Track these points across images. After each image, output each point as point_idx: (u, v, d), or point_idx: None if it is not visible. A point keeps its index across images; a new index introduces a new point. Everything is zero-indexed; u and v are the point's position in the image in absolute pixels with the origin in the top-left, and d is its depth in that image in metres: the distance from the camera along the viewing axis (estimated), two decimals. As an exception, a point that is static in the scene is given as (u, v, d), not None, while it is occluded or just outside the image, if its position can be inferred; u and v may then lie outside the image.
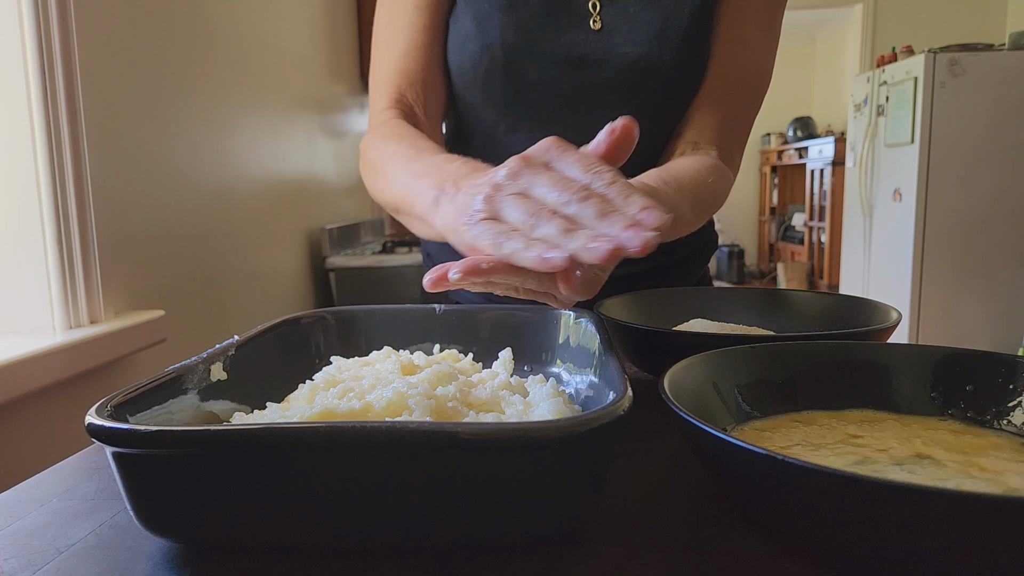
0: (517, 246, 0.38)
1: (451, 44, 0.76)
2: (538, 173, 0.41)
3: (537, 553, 0.32)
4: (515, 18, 0.73)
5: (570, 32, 0.73)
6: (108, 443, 0.30)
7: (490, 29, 0.73)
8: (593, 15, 0.74)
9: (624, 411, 0.31)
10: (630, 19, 0.74)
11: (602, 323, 0.50)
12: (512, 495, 0.30)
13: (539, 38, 0.73)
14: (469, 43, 0.74)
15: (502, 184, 0.42)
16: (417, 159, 0.62)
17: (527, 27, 0.73)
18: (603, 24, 0.74)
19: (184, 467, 0.30)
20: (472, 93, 0.76)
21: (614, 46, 0.73)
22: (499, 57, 0.73)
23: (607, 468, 0.33)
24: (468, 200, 0.44)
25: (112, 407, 0.32)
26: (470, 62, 0.74)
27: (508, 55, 0.73)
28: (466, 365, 0.51)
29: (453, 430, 0.29)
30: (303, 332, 0.56)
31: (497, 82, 0.74)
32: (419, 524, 0.31)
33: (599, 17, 0.74)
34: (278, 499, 0.30)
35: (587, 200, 0.39)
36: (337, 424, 0.29)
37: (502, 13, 0.73)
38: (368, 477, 0.30)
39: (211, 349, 0.44)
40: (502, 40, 0.73)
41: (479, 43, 0.73)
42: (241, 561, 0.32)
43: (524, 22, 0.73)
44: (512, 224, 0.40)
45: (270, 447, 0.29)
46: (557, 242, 0.37)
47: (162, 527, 0.32)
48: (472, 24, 0.74)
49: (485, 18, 0.73)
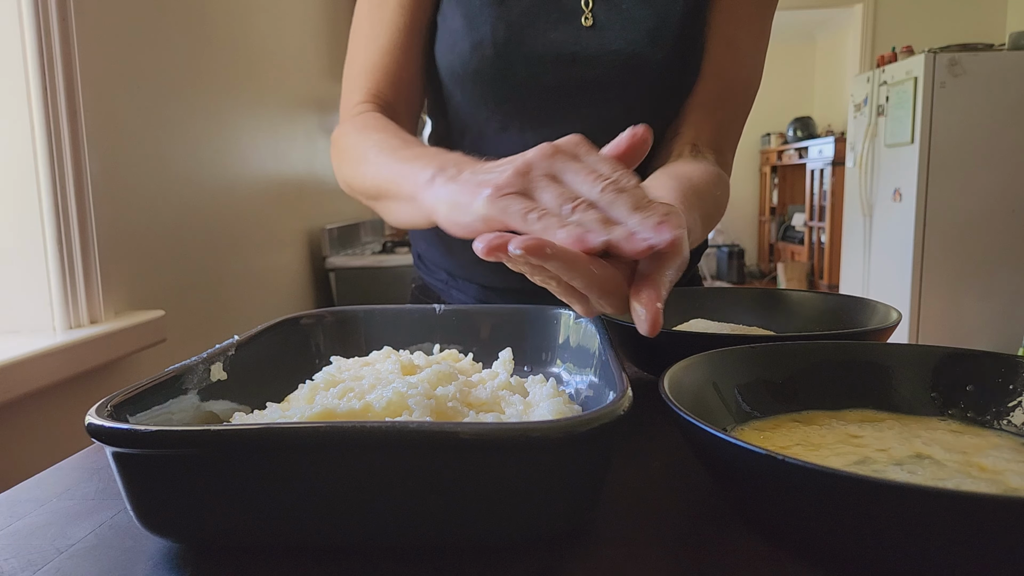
0: (550, 223, 0.38)
1: (440, 43, 0.76)
2: (570, 161, 0.42)
3: (537, 553, 0.32)
4: (506, 14, 0.72)
5: (562, 28, 0.73)
6: (108, 443, 0.30)
7: (481, 26, 0.72)
8: (585, 12, 0.73)
9: (624, 411, 0.31)
10: (623, 16, 0.73)
11: (602, 323, 0.50)
12: (512, 495, 0.30)
13: (530, 35, 0.73)
14: (459, 41, 0.74)
15: (535, 163, 0.42)
16: (407, 147, 0.62)
17: (518, 24, 0.72)
18: (595, 21, 0.73)
19: (184, 467, 0.30)
20: (463, 92, 0.76)
21: (606, 43, 0.73)
22: (489, 54, 0.72)
23: (607, 468, 0.33)
24: (483, 178, 0.43)
25: (112, 407, 0.32)
26: (460, 60, 0.74)
27: (499, 52, 0.72)
28: (466, 365, 0.51)
29: (453, 430, 0.29)
30: (303, 332, 0.56)
31: (487, 80, 0.74)
32: (419, 524, 0.31)
33: (591, 14, 0.73)
34: (278, 499, 0.30)
35: (621, 194, 0.39)
36: (337, 424, 0.29)
37: (493, 9, 0.72)
38: (368, 477, 0.30)
39: (211, 349, 0.44)
40: (493, 37, 0.72)
41: (469, 41, 0.73)
42: (241, 561, 0.32)
43: (515, 19, 0.72)
44: (543, 204, 0.40)
45: (270, 447, 0.29)
46: (593, 228, 0.37)
47: (162, 527, 0.32)
48: (462, 22, 0.73)
49: (475, 15, 0.73)
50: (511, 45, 0.72)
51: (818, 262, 5.62)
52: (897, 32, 4.59)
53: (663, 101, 0.76)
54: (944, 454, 0.37)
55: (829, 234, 5.30)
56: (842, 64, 5.82)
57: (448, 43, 0.75)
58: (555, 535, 0.32)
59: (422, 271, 0.90)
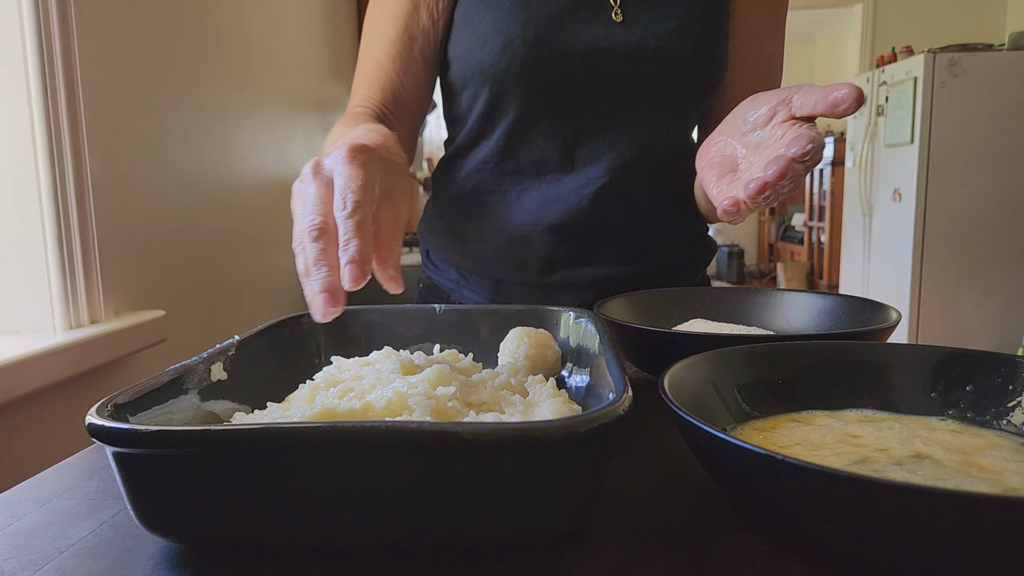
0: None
1: (466, 43, 0.77)
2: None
3: (537, 553, 0.32)
4: (536, 14, 0.73)
5: (592, 25, 0.74)
6: (108, 443, 0.30)
7: (511, 26, 0.74)
8: (615, 7, 0.75)
9: (624, 411, 0.31)
10: (651, 12, 0.75)
11: (602, 323, 0.50)
12: (512, 495, 0.30)
13: (561, 32, 0.74)
14: (489, 40, 0.75)
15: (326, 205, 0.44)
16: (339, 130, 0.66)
17: (548, 22, 0.74)
18: (624, 17, 0.74)
19: (185, 467, 0.30)
20: (492, 90, 0.77)
21: (635, 38, 0.74)
22: (520, 52, 0.74)
23: (607, 467, 0.33)
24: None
25: (112, 407, 0.33)
26: (490, 58, 0.75)
27: (528, 50, 0.73)
28: (466, 365, 0.51)
29: (453, 430, 0.29)
30: (303, 332, 0.56)
31: (517, 77, 0.75)
32: (419, 524, 0.31)
33: (620, 10, 0.75)
34: (278, 499, 0.30)
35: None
36: (337, 424, 0.29)
37: (522, 11, 0.74)
38: (369, 477, 0.30)
39: (211, 349, 0.44)
40: (523, 36, 0.73)
41: (500, 40, 0.74)
42: (241, 561, 0.32)
43: (545, 17, 0.74)
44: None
45: (270, 447, 0.29)
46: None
47: (162, 527, 0.32)
48: (491, 22, 0.75)
49: (505, 15, 0.74)
50: (542, 43, 0.73)
51: (818, 262, 5.61)
52: (897, 32, 4.59)
53: (689, 94, 0.78)
54: (944, 454, 0.37)
55: (829, 234, 5.30)
56: (842, 64, 5.82)
57: (476, 43, 0.76)
58: (555, 534, 0.32)
59: (431, 271, 0.90)
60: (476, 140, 0.82)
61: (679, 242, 0.85)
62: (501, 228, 0.81)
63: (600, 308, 0.63)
